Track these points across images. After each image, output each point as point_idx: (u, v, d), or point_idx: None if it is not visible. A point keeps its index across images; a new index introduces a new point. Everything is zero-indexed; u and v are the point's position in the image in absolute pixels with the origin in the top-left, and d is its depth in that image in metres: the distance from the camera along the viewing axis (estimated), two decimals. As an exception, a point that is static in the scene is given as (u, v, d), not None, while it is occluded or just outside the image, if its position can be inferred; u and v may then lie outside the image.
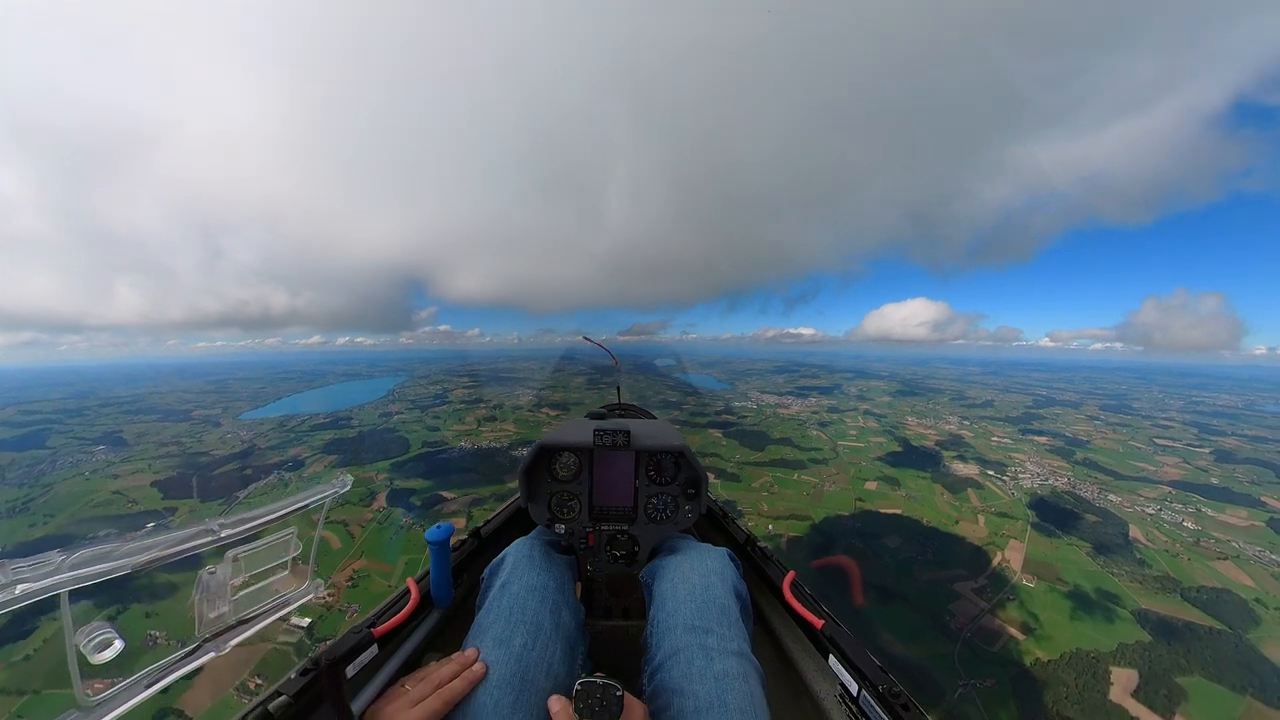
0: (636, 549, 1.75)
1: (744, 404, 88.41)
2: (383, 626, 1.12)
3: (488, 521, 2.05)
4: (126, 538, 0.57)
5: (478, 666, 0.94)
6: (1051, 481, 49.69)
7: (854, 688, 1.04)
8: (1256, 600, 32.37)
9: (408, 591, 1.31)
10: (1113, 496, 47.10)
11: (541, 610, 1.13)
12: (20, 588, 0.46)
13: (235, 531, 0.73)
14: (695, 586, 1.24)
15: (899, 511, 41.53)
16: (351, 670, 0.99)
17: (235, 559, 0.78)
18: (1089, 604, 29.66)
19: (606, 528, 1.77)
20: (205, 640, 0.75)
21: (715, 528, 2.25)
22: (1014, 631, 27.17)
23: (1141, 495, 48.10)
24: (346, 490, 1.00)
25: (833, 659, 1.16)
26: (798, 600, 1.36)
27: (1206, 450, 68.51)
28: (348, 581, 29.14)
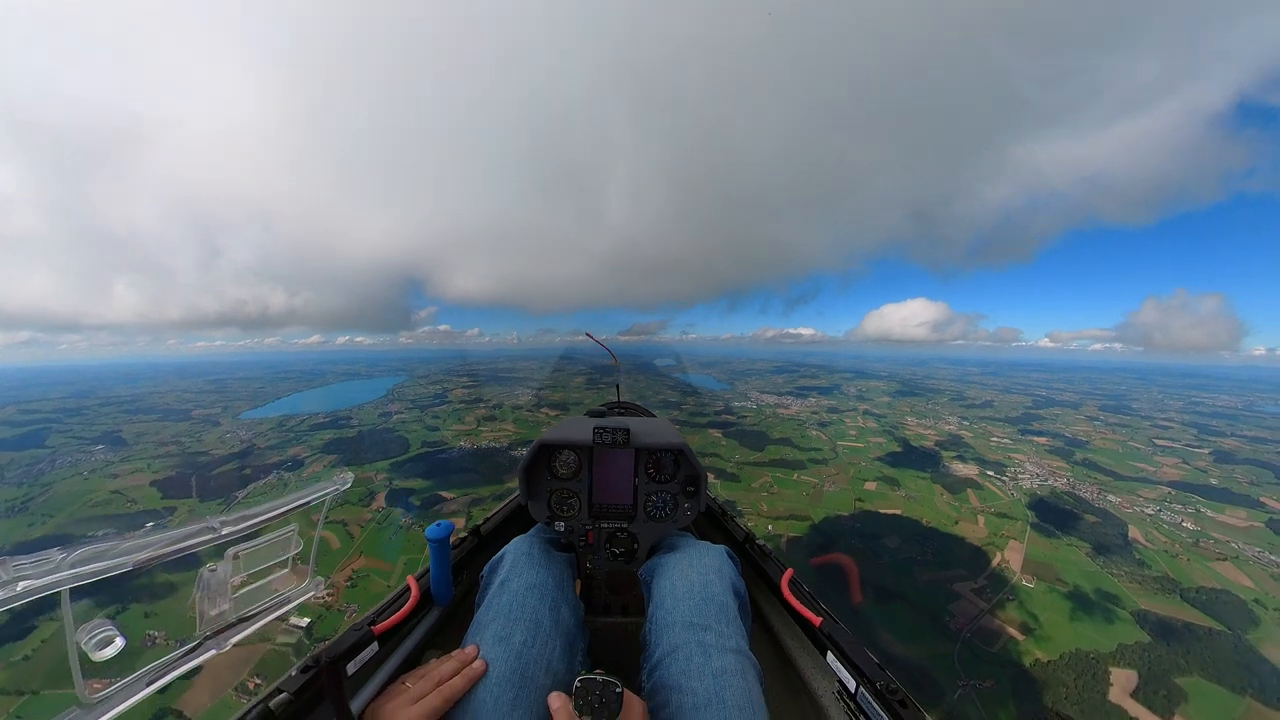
0: (636, 546, 1.76)
1: (744, 404, 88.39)
2: (383, 624, 1.12)
3: (487, 519, 2.05)
4: (126, 536, 0.56)
5: (478, 664, 0.94)
6: (1051, 482, 49.69)
7: (852, 685, 1.04)
8: (1256, 601, 32.40)
9: (408, 589, 1.31)
10: (1112, 497, 47.12)
11: (541, 607, 1.13)
12: (22, 585, 0.46)
13: (235, 529, 0.73)
14: (694, 584, 1.24)
15: (898, 512, 41.53)
16: (352, 668, 0.99)
17: (236, 557, 0.78)
18: (1088, 604, 29.64)
19: (606, 525, 1.77)
20: (206, 638, 0.74)
21: (714, 525, 2.25)
22: (1013, 632, 27.17)
23: (1141, 496, 48.13)
24: (347, 488, 1.00)
25: (831, 656, 1.16)
26: (796, 598, 1.36)
27: (1206, 451, 68.58)
28: (347, 581, 29.12)
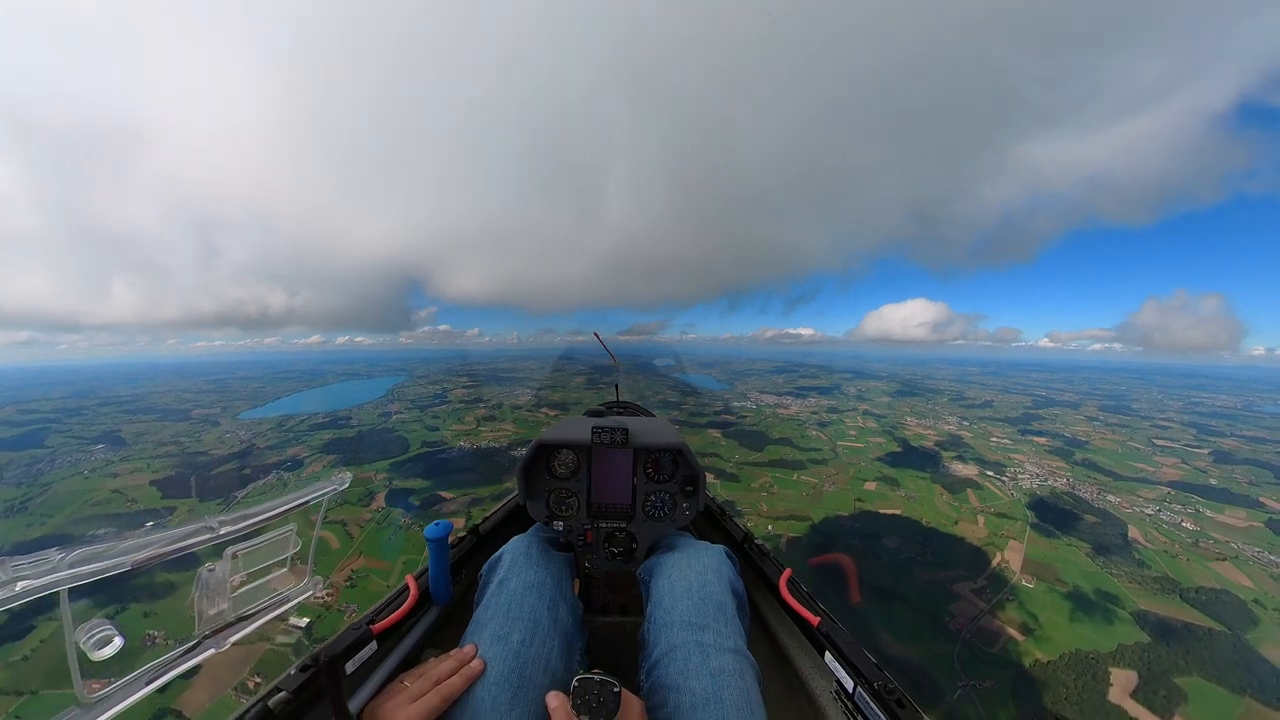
0: (634, 546, 1.76)
1: (743, 404, 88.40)
2: (382, 623, 1.12)
3: (486, 518, 2.06)
4: (125, 536, 0.57)
5: (476, 663, 0.94)
6: (1050, 482, 49.70)
7: (850, 684, 1.04)
8: (1255, 601, 32.41)
9: (406, 588, 1.31)
10: (1112, 497, 47.13)
11: (539, 607, 1.13)
12: (20, 585, 0.46)
13: (234, 529, 0.73)
14: (692, 583, 1.24)
15: (898, 512, 41.54)
16: (351, 667, 0.98)
17: (234, 556, 0.78)
18: (1088, 605, 29.65)
19: (604, 525, 1.77)
20: (204, 637, 0.74)
21: (713, 525, 2.26)
22: (1013, 632, 27.18)
23: (1140, 496, 48.14)
24: (345, 487, 1.00)
25: (829, 656, 1.16)
26: (794, 597, 1.37)
27: (1205, 451, 68.62)
28: (346, 581, 29.10)
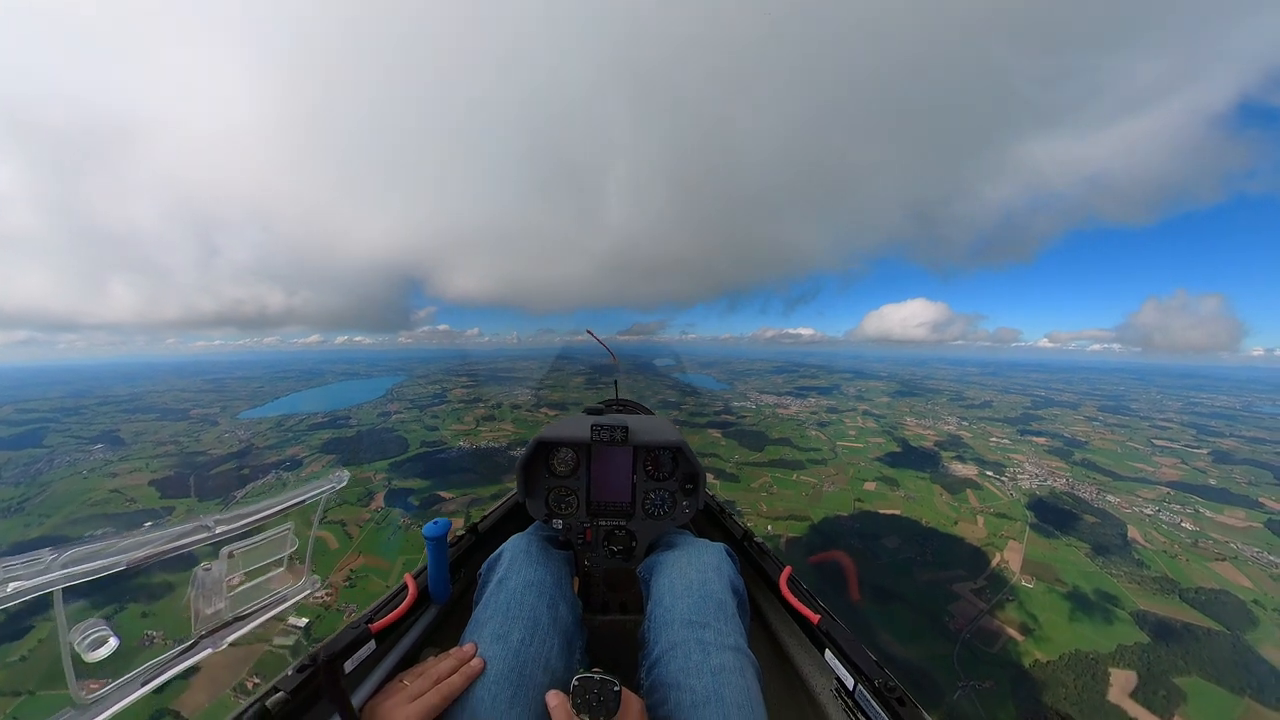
0: (634, 544, 1.75)
1: (743, 404, 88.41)
2: (380, 622, 1.12)
3: (485, 517, 2.05)
4: (120, 535, 0.56)
5: (476, 661, 0.94)
6: (1050, 482, 49.71)
7: (850, 682, 1.04)
8: (1254, 601, 32.45)
9: (405, 587, 1.30)
10: (1111, 497, 47.15)
11: (539, 605, 1.13)
12: (12, 586, 0.45)
13: (231, 528, 0.73)
14: (692, 581, 1.24)
15: (898, 512, 41.53)
16: (349, 666, 0.98)
17: (232, 555, 0.77)
18: (1088, 605, 29.65)
19: (604, 523, 1.76)
20: (202, 637, 0.74)
21: (712, 523, 2.26)
22: (1013, 632, 27.18)
23: (1140, 496, 48.16)
24: (343, 486, 0.99)
25: (829, 653, 1.16)
26: (794, 595, 1.36)
27: (1204, 451, 68.69)
28: (345, 581, 29.07)
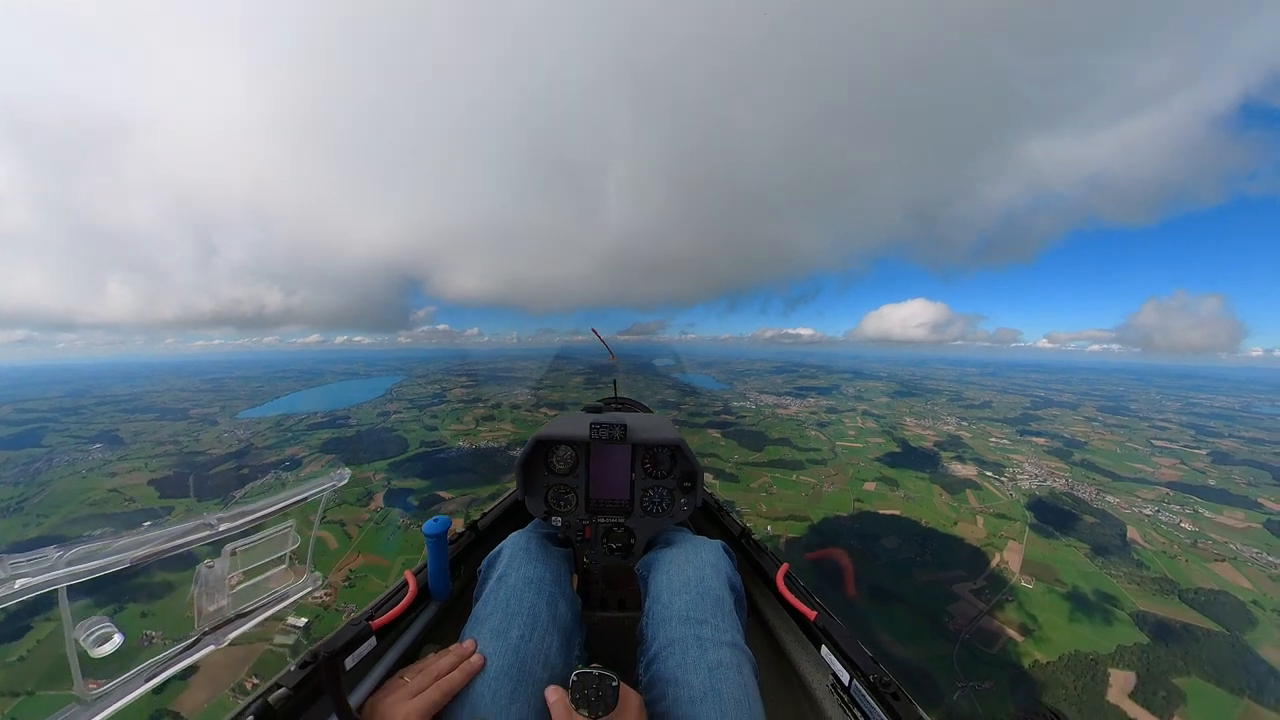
0: (633, 541, 1.77)
1: (742, 404, 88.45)
2: (381, 619, 1.13)
3: (485, 514, 2.06)
4: (123, 534, 0.57)
5: (475, 658, 0.95)
6: (1049, 482, 49.74)
7: (845, 677, 1.05)
8: (1254, 602, 32.50)
9: (405, 584, 1.31)
10: (1110, 498, 47.19)
11: (538, 602, 1.14)
12: (19, 583, 0.46)
13: (233, 526, 0.73)
14: (690, 578, 1.25)
15: (897, 512, 41.55)
16: (350, 662, 0.99)
17: (233, 553, 0.78)
18: (1087, 606, 29.68)
19: (603, 520, 1.78)
20: (204, 634, 0.75)
21: (710, 521, 2.27)
22: (1013, 633, 27.19)
23: (1139, 496, 48.22)
24: (344, 484, 1.00)
25: (825, 649, 1.17)
26: (791, 592, 1.37)
27: (1204, 452, 68.78)
28: (344, 581, 29.08)
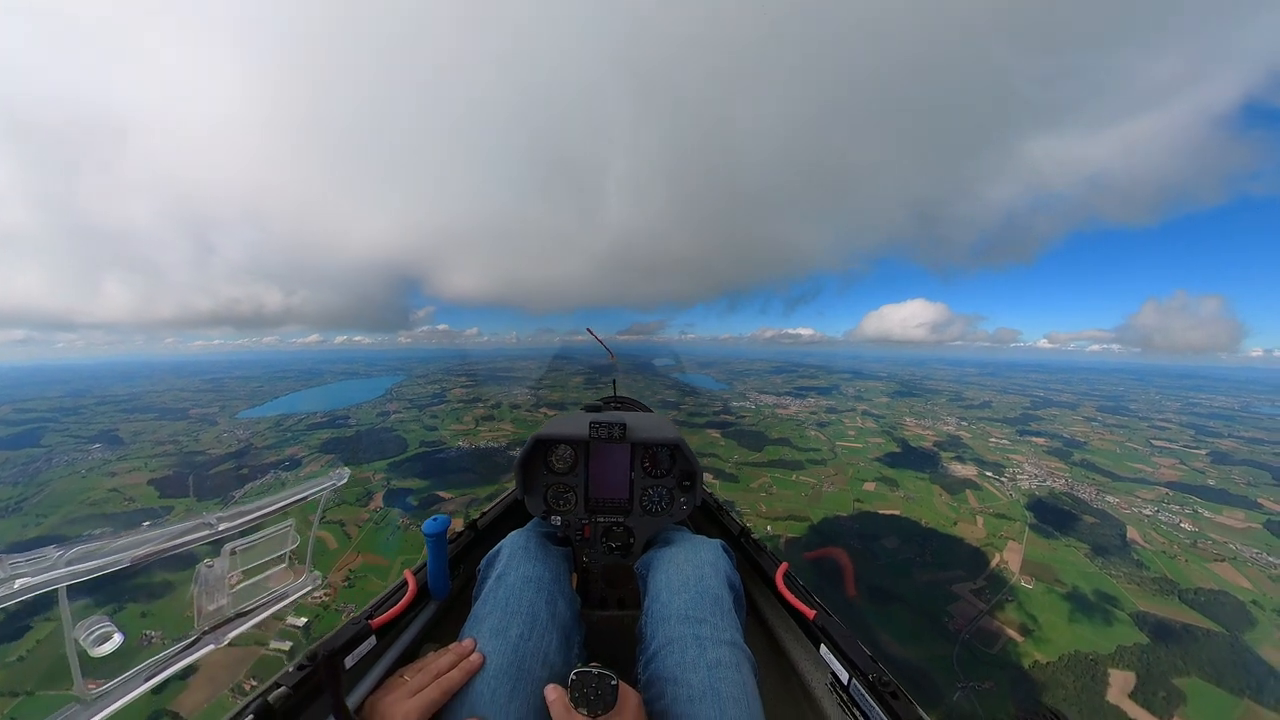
0: (632, 540, 1.77)
1: (742, 404, 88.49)
2: (380, 618, 1.13)
3: (484, 514, 2.07)
4: (123, 533, 0.57)
5: (475, 657, 0.95)
6: (1049, 482, 49.76)
7: (844, 676, 1.06)
8: (1253, 602, 32.49)
9: (405, 583, 1.31)
10: (1110, 498, 47.21)
11: (538, 601, 1.14)
12: (19, 582, 0.46)
13: (232, 525, 0.73)
14: (689, 577, 1.25)
15: (897, 512, 41.56)
16: (350, 661, 0.99)
17: (233, 553, 0.78)
18: (1087, 606, 29.68)
19: (602, 519, 1.78)
20: (204, 633, 0.75)
21: (710, 520, 2.27)
22: (1012, 633, 27.20)
23: (1139, 496, 48.23)
24: (344, 483, 1.00)
25: (824, 648, 1.18)
26: (790, 591, 1.38)
27: (1203, 452, 68.78)
28: (344, 581, 29.08)
